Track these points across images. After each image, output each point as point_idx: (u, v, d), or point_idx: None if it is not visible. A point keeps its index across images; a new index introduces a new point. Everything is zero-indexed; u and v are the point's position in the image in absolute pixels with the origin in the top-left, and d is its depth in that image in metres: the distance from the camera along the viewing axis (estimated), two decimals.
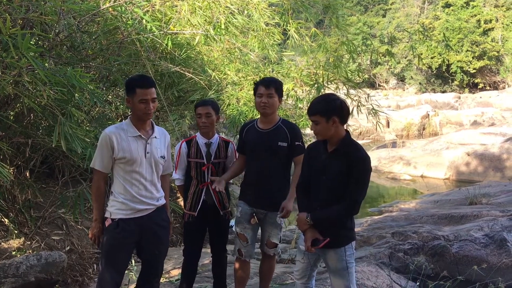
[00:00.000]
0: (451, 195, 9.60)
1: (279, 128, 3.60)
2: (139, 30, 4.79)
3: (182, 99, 6.29)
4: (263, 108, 3.55)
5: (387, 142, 17.85)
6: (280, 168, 3.58)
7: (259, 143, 3.57)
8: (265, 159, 3.55)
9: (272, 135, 3.56)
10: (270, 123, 3.61)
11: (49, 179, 6.14)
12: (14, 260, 3.83)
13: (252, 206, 3.64)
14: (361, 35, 28.13)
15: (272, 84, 3.55)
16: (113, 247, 3.01)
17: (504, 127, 15.77)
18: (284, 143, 3.55)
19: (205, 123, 3.73)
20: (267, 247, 3.68)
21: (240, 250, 3.68)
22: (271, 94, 3.52)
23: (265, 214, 3.62)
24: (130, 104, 3.05)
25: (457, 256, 5.34)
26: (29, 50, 3.26)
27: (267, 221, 3.63)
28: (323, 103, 2.90)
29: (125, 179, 3.03)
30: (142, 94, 2.98)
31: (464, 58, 29.29)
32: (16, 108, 4.66)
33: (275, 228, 3.62)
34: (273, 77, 4.39)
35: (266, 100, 3.52)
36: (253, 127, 3.68)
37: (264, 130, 3.61)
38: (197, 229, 3.79)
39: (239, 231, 3.67)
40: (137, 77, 3.16)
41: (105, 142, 2.99)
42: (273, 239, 3.64)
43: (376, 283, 4.39)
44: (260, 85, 3.57)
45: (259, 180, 3.58)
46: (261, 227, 3.72)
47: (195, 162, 3.74)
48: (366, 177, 2.88)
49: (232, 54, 6.76)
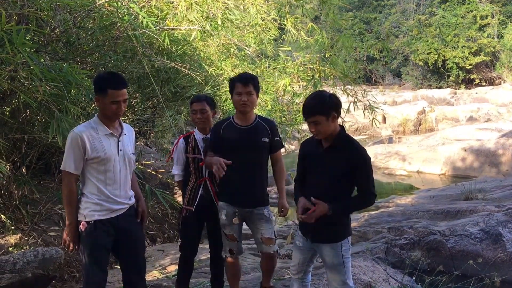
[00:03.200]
0: (447, 190, 9.63)
1: (259, 124, 3.54)
2: (135, 25, 4.77)
3: (178, 95, 6.29)
4: (243, 107, 3.45)
5: (383, 138, 17.87)
6: (261, 164, 3.55)
7: (242, 140, 3.48)
8: (249, 156, 3.47)
9: (254, 132, 3.51)
10: (249, 119, 3.54)
11: (46, 175, 6.14)
12: (11, 256, 3.82)
13: (234, 205, 3.53)
14: (358, 31, 28.12)
15: (250, 81, 3.44)
16: (94, 248, 2.94)
17: (499, 123, 15.81)
18: (266, 139, 3.51)
19: (200, 119, 3.72)
20: (264, 245, 3.55)
21: (231, 250, 3.62)
22: (250, 92, 3.43)
23: (251, 211, 3.53)
24: (99, 103, 2.91)
25: (453, 251, 5.37)
26: (24, 45, 3.25)
27: (255, 217, 3.54)
28: (319, 103, 2.88)
29: (98, 179, 2.93)
30: (114, 96, 2.86)
31: (460, 54, 29.35)
32: (12, 104, 4.64)
33: (265, 222, 3.52)
34: (248, 72, 4.31)
35: (246, 98, 3.42)
36: (231, 124, 3.56)
37: (244, 126, 3.52)
38: (194, 224, 3.79)
39: (227, 233, 3.57)
40: (108, 76, 2.98)
41: (76, 142, 2.85)
42: (267, 234, 3.52)
43: (372, 277, 4.41)
44: (237, 83, 3.45)
45: (243, 177, 3.48)
46: (250, 226, 3.61)
47: (193, 158, 3.74)
48: (370, 166, 2.92)
49: (228, 50, 6.75)
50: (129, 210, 3.10)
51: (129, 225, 3.07)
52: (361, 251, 5.42)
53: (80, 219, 2.94)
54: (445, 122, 20.28)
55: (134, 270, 3.14)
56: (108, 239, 2.98)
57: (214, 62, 6.44)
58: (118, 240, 3.03)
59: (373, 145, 16.04)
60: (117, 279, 4.82)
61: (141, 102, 6.92)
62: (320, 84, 6.29)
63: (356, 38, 7.92)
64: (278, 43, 8.14)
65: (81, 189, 3.00)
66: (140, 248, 3.18)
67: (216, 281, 3.94)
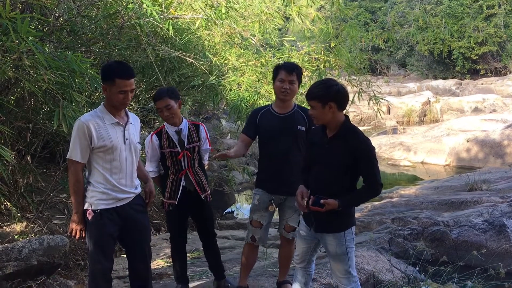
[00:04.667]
0: (451, 181, 9.61)
1: (296, 113, 3.59)
2: (139, 14, 4.75)
3: (183, 84, 6.27)
4: (283, 94, 3.50)
5: (387, 129, 17.81)
6: (298, 152, 3.54)
7: (280, 128, 3.53)
8: (285, 144, 3.52)
9: (291, 119, 3.55)
10: (288, 107, 3.59)
11: (50, 164, 6.16)
12: (17, 244, 3.85)
13: (271, 193, 3.60)
14: (363, 20, 27.93)
15: (295, 70, 3.49)
16: (100, 236, 2.96)
17: (505, 114, 15.69)
18: (302, 127, 3.55)
19: (168, 116, 3.63)
20: (285, 231, 3.66)
21: (253, 237, 3.66)
22: (293, 81, 3.48)
23: (285, 199, 3.60)
24: (106, 92, 2.90)
25: (457, 242, 5.37)
26: (28, 34, 3.24)
27: (286, 205, 3.62)
28: (320, 89, 2.88)
29: (104, 168, 2.93)
30: (122, 85, 2.86)
31: (466, 44, 29.10)
32: (17, 93, 4.65)
33: (294, 212, 3.59)
34: (293, 62, 4.34)
35: (288, 86, 3.47)
36: (268, 111, 3.63)
37: (282, 114, 3.58)
38: (179, 216, 3.79)
39: (255, 219, 3.63)
40: (116, 66, 2.97)
41: (82, 131, 2.85)
42: (291, 222, 3.62)
43: (375, 267, 4.42)
44: (281, 70, 3.50)
45: (279, 165, 3.53)
46: (280, 211, 3.69)
47: (169, 152, 3.67)
48: (375, 157, 2.91)
49: (232, 39, 6.72)
50: (135, 199, 3.11)
51: (135, 214, 3.09)
52: (365, 241, 5.42)
53: (87, 208, 2.96)
54: (450, 113, 20.16)
55: (139, 259, 3.16)
56: (114, 228, 3.00)
57: (218, 51, 6.41)
58: (124, 229, 3.05)
59: (377, 136, 16.00)
60: (122, 267, 4.86)
61: (145, 91, 6.91)
62: (325, 75, 6.25)
63: (362, 28, 7.86)
64: (283, 33, 8.09)
65: (87, 178, 3.01)
66: (146, 236, 3.21)
67: (213, 268, 3.97)
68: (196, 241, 5.06)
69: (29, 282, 3.91)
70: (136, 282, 3.22)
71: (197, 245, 5.39)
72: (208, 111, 12.70)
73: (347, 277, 3.02)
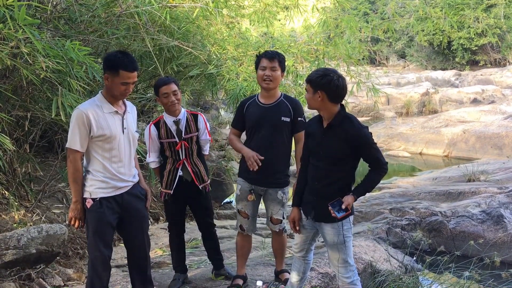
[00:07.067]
0: (449, 172, 9.63)
1: (281, 103, 3.53)
2: (137, 2, 4.71)
3: (181, 73, 6.24)
4: (266, 82, 3.44)
5: (386, 119, 17.80)
6: (281, 144, 3.52)
7: (262, 118, 3.49)
8: (268, 135, 3.48)
9: (275, 110, 3.49)
10: (272, 97, 3.54)
11: (49, 153, 6.16)
12: (15, 232, 3.85)
13: (251, 183, 3.58)
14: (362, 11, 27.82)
15: (276, 57, 3.44)
16: (99, 225, 2.96)
17: (504, 105, 15.69)
18: (287, 118, 3.49)
19: (173, 102, 3.59)
20: (272, 224, 3.65)
21: (241, 226, 3.68)
22: (275, 68, 3.42)
23: (265, 190, 3.58)
24: (108, 82, 2.89)
25: (454, 232, 5.40)
26: (26, 21, 3.21)
27: (268, 197, 3.60)
28: (317, 75, 2.88)
29: (103, 157, 2.94)
30: (125, 77, 2.86)
31: (465, 35, 29.01)
32: (14, 82, 4.63)
33: (277, 205, 3.58)
34: (275, 50, 4.31)
35: (270, 73, 3.41)
36: (254, 102, 3.58)
37: (266, 104, 3.52)
38: (175, 206, 3.80)
39: (240, 209, 3.64)
40: (122, 57, 2.91)
41: (81, 120, 2.84)
42: (276, 215, 3.60)
43: (373, 257, 4.44)
44: (263, 58, 3.46)
45: (261, 155, 3.48)
46: (264, 203, 3.69)
47: (167, 143, 3.67)
48: (372, 140, 2.91)
49: (231, 29, 6.68)
50: (133, 188, 3.12)
51: (134, 202, 3.10)
52: (363, 231, 5.45)
53: (86, 196, 2.96)
54: (449, 104, 20.13)
55: (138, 247, 3.17)
56: (113, 216, 3.01)
57: (217, 41, 6.38)
58: (123, 217, 3.06)
59: (376, 126, 16.00)
60: (121, 256, 4.88)
61: (143, 80, 6.88)
62: (323, 65, 6.23)
63: (361, 18, 7.82)
64: (282, 23, 8.06)
65: (86, 167, 3.01)
66: (144, 225, 3.21)
67: (212, 258, 3.98)
68: (195, 230, 5.07)
69: (28, 270, 3.93)
70: (135, 271, 3.23)
71: (196, 235, 5.40)
72: (207, 101, 12.67)
73: (344, 266, 3.04)
